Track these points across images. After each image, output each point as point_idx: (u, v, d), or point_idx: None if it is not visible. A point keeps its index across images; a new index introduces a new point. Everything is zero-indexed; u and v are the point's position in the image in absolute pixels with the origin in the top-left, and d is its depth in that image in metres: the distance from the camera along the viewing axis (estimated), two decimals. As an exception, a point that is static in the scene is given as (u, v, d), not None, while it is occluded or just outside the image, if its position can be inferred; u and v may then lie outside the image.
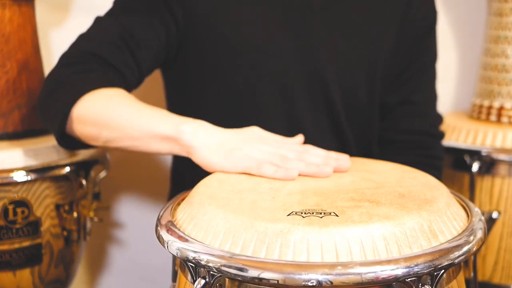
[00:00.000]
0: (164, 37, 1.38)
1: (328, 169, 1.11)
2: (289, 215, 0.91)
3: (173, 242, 0.92)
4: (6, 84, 1.52)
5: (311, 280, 0.81)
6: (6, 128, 1.52)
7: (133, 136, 1.21)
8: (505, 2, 1.77)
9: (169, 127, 1.17)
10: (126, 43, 1.35)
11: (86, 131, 1.26)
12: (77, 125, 1.26)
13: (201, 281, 0.88)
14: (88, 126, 1.25)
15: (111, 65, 1.33)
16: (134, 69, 1.36)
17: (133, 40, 1.35)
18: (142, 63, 1.37)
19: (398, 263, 0.83)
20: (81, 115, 1.25)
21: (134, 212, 1.97)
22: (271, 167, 1.10)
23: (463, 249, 0.89)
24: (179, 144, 1.17)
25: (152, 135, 1.19)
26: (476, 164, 1.68)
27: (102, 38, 1.36)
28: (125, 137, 1.22)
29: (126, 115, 1.22)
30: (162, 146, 1.19)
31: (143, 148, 1.22)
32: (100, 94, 1.26)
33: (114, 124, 1.22)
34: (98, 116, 1.23)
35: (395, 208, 0.93)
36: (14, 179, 1.42)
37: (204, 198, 0.99)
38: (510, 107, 1.79)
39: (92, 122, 1.24)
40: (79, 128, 1.26)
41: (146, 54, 1.37)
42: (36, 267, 1.49)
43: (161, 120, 1.19)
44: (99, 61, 1.33)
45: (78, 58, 1.34)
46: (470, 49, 2.06)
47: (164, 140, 1.18)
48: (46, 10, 1.79)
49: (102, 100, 1.25)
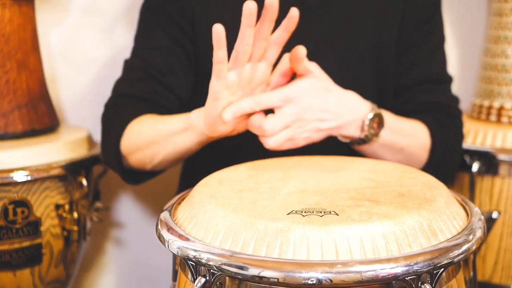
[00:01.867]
0: (184, 57, 1.46)
1: None
2: (289, 214, 0.91)
3: (173, 241, 0.92)
4: (6, 84, 1.52)
5: (311, 278, 0.81)
6: (6, 128, 1.52)
7: (163, 144, 1.32)
8: (505, 2, 1.77)
9: (183, 120, 1.29)
10: (152, 76, 1.45)
11: (136, 159, 1.40)
12: (128, 158, 1.41)
13: (201, 279, 0.88)
14: (134, 153, 1.38)
15: (142, 99, 1.45)
16: (169, 96, 1.46)
17: (156, 71, 1.45)
18: (175, 88, 1.46)
19: (397, 261, 0.83)
20: (126, 149, 1.39)
21: (134, 212, 1.97)
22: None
23: (463, 248, 0.89)
24: (195, 131, 1.26)
25: (173, 133, 1.30)
26: (476, 164, 1.68)
27: (131, 78, 1.49)
28: (161, 148, 1.33)
29: (152, 130, 1.34)
30: (187, 140, 1.29)
31: (177, 149, 1.32)
32: (133, 123, 1.39)
33: (147, 141, 1.34)
34: (136, 142, 1.36)
35: (395, 207, 0.93)
36: (14, 179, 1.43)
37: (204, 197, 0.99)
38: (510, 107, 1.79)
39: (135, 149, 1.38)
40: (131, 160, 1.41)
41: (174, 78, 1.46)
42: (36, 267, 1.49)
43: (176, 119, 1.31)
44: (131, 99, 1.46)
45: (114, 101, 1.48)
46: (470, 49, 2.06)
47: (183, 133, 1.28)
48: (46, 10, 1.79)
49: (135, 128, 1.37)
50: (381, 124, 1.29)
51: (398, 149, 1.36)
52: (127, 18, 1.85)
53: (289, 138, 1.20)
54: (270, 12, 1.17)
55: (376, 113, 1.27)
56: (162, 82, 1.45)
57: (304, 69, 1.23)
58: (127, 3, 1.86)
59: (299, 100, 1.19)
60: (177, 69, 1.46)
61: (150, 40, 1.48)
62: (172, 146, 1.32)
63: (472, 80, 2.01)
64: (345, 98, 1.26)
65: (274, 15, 1.18)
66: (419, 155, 1.41)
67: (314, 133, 1.23)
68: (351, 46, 1.44)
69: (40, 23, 1.67)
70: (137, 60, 1.49)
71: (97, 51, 1.86)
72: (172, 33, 1.45)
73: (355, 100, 1.27)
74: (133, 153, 1.39)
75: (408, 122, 1.40)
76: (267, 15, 1.17)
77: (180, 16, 1.44)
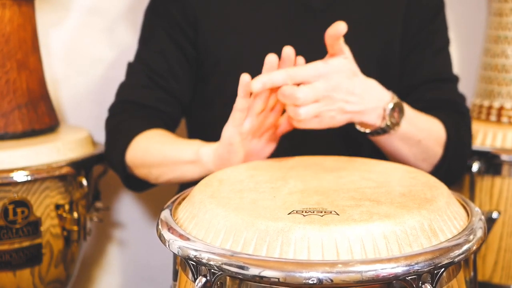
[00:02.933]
0: (185, 61, 1.48)
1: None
2: (290, 213, 0.91)
3: (174, 241, 0.92)
4: (6, 84, 1.52)
5: (312, 278, 0.81)
6: (6, 128, 1.52)
7: (171, 168, 1.34)
8: (505, 2, 1.77)
9: (192, 152, 1.30)
10: (155, 82, 1.48)
11: (141, 173, 1.43)
12: (133, 169, 1.44)
13: (202, 279, 0.88)
14: (140, 168, 1.42)
15: (148, 107, 1.48)
16: (171, 100, 1.48)
17: (159, 76, 1.47)
18: (177, 93, 1.48)
19: (398, 261, 0.83)
20: (132, 161, 1.42)
21: (134, 212, 1.97)
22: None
23: (463, 248, 0.89)
24: (202, 166, 1.28)
25: (181, 163, 1.32)
26: (476, 164, 1.68)
27: (135, 84, 1.52)
28: (166, 171, 1.36)
29: (161, 152, 1.36)
30: (193, 171, 1.31)
31: (182, 177, 1.34)
32: (140, 139, 1.41)
33: (155, 162, 1.37)
34: (142, 158, 1.39)
35: (395, 207, 0.93)
36: (14, 179, 1.43)
37: (205, 197, 0.99)
38: (510, 107, 1.79)
39: (140, 164, 1.41)
40: (136, 172, 1.44)
41: (177, 83, 1.48)
42: (36, 267, 1.49)
43: (187, 147, 1.32)
44: (135, 107, 1.48)
45: (119, 108, 1.51)
46: (470, 49, 2.06)
47: (191, 165, 1.30)
48: (46, 10, 1.79)
49: (142, 144, 1.40)
50: (401, 114, 1.28)
51: (415, 142, 1.35)
52: (128, 18, 1.85)
53: (317, 114, 1.18)
54: (287, 62, 1.20)
55: (397, 103, 1.27)
56: (165, 88, 1.48)
57: (338, 48, 1.22)
58: (128, 3, 1.86)
59: (330, 77, 1.18)
60: (179, 74, 1.48)
61: (153, 44, 1.50)
62: (179, 173, 1.34)
63: (472, 80, 2.01)
64: (369, 85, 1.26)
65: (291, 65, 1.20)
66: (435, 150, 1.41)
67: (338, 114, 1.21)
68: (355, 49, 1.44)
69: (40, 23, 1.67)
70: (141, 65, 1.51)
71: (97, 51, 1.86)
72: (175, 37, 1.46)
73: (377, 88, 1.27)
74: (138, 167, 1.42)
75: (425, 116, 1.40)
76: (284, 65, 1.20)
77: (183, 19, 1.45)
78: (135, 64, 1.54)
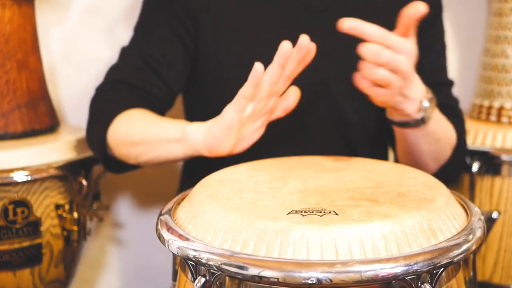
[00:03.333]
0: (182, 53, 1.47)
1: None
2: (289, 213, 0.91)
3: (173, 241, 0.92)
4: (6, 84, 1.52)
5: (311, 278, 0.81)
6: (6, 128, 1.52)
7: (153, 147, 1.32)
8: (505, 2, 1.77)
9: (177, 130, 1.28)
10: (149, 65, 1.45)
11: (121, 152, 1.39)
12: (113, 149, 1.40)
13: (201, 279, 0.88)
14: (120, 147, 1.38)
15: (138, 87, 1.44)
16: (162, 86, 1.46)
17: (155, 61, 1.46)
18: (168, 79, 1.46)
19: (397, 261, 0.83)
20: (112, 139, 1.38)
21: (134, 212, 1.97)
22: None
23: (462, 248, 0.89)
24: (188, 144, 1.26)
25: (165, 141, 1.29)
26: (476, 164, 1.68)
27: (128, 65, 1.48)
28: (148, 149, 1.33)
29: (146, 129, 1.33)
30: (177, 150, 1.29)
31: (165, 156, 1.32)
32: (126, 115, 1.38)
33: (137, 139, 1.33)
34: (125, 135, 1.35)
35: (394, 207, 0.93)
36: (14, 179, 1.43)
37: (204, 198, 0.99)
38: (510, 107, 1.79)
39: (121, 142, 1.37)
40: (116, 151, 1.40)
41: (170, 70, 1.47)
42: (36, 267, 1.49)
43: (171, 126, 1.31)
44: (126, 86, 1.45)
45: (109, 87, 1.47)
46: (470, 49, 2.06)
47: (176, 144, 1.28)
48: (46, 10, 1.79)
49: (127, 121, 1.37)
50: (433, 110, 1.29)
51: (436, 140, 1.36)
52: (128, 18, 1.85)
53: (386, 82, 1.18)
54: (305, 54, 1.20)
55: (432, 97, 1.28)
56: (159, 73, 1.46)
57: (411, 30, 1.22)
58: (128, 3, 1.86)
59: (409, 57, 1.19)
60: (174, 62, 1.47)
61: (151, 31, 1.49)
62: (161, 152, 1.32)
63: (472, 80, 2.01)
64: (416, 75, 1.25)
65: (309, 58, 1.21)
66: (446, 150, 1.42)
67: (396, 93, 1.21)
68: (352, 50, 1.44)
69: (40, 23, 1.67)
70: (136, 49, 1.49)
71: (97, 51, 1.86)
72: (174, 27, 1.46)
73: (419, 80, 1.27)
74: (119, 146, 1.38)
75: (444, 117, 1.41)
76: (301, 57, 1.20)
77: (183, 11, 1.44)
78: (129, 48, 1.52)
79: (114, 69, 1.51)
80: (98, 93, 1.49)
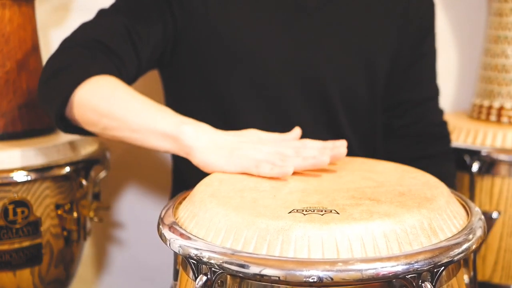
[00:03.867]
0: (161, 32, 1.39)
1: (325, 157, 1.11)
2: (290, 212, 0.91)
3: (175, 240, 0.92)
4: (6, 84, 1.52)
5: (312, 277, 0.81)
6: (6, 128, 1.52)
7: (133, 129, 1.21)
8: (505, 2, 1.77)
9: (171, 126, 1.17)
10: (129, 34, 1.36)
11: (86, 116, 1.26)
12: (77, 109, 1.26)
13: (202, 278, 0.88)
14: (89, 111, 1.25)
15: (115, 53, 1.34)
16: (135, 60, 1.37)
17: (135, 33, 1.37)
18: (142, 56, 1.38)
19: (398, 260, 0.83)
20: (83, 100, 1.25)
21: (134, 212, 1.97)
22: (267, 166, 1.10)
23: (463, 247, 0.89)
24: (179, 144, 1.17)
25: (152, 131, 1.19)
26: (476, 164, 1.68)
27: (107, 27, 1.38)
28: (125, 128, 1.22)
29: (129, 107, 1.22)
30: (161, 143, 1.19)
31: (140, 141, 1.22)
32: (104, 80, 1.26)
33: (115, 113, 1.22)
34: (100, 103, 1.23)
35: (395, 206, 0.94)
36: (14, 179, 1.42)
37: (206, 197, 1.00)
38: (510, 107, 1.79)
39: (93, 108, 1.24)
40: (79, 112, 1.26)
41: (146, 47, 1.38)
42: (36, 267, 1.49)
43: (163, 117, 1.19)
44: (103, 48, 1.34)
45: (83, 43, 1.35)
46: (470, 49, 2.07)
47: (163, 137, 1.18)
48: (46, 10, 1.79)
49: (105, 88, 1.26)
50: None
51: None
52: (127, 18, 1.85)
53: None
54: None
55: None
56: (136, 46, 1.37)
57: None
58: (127, 3, 1.86)
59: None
60: (152, 41, 1.39)
61: (138, 4, 1.41)
62: (143, 140, 1.21)
63: (472, 80, 2.01)
64: None
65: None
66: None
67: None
68: (346, 50, 1.44)
69: (40, 23, 1.67)
70: (120, 15, 1.39)
71: (97, 51, 1.86)
72: (161, 8, 1.40)
73: None
74: (86, 109, 1.25)
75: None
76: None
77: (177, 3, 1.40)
78: (111, 12, 1.42)
79: (91, 26, 1.40)
80: (68, 46, 1.36)
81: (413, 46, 1.49)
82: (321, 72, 1.42)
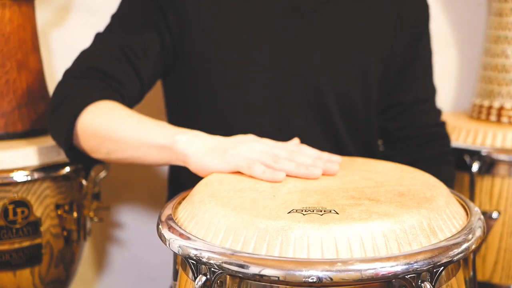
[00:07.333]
0: (159, 47, 1.41)
1: (317, 171, 1.10)
2: (289, 212, 0.91)
3: (174, 240, 0.92)
4: (6, 84, 1.52)
5: (311, 277, 0.81)
6: (6, 128, 1.52)
7: (132, 147, 1.24)
8: (505, 2, 1.77)
9: (165, 137, 1.19)
10: (125, 54, 1.38)
11: (90, 143, 1.29)
12: (81, 136, 1.29)
13: (202, 278, 0.88)
14: (91, 138, 1.28)
15: (112, 77, 1.36)
16: (135, 79, 1.39)
17: (131, 51, 1.38)
18: (143, 73, 1.40)
19: (397, 260, 0.83)
20: (84, 127, 1.28)
21: (134, 212, 1.97)
22: (260, 167, 1.09)
23: (462, 247, 0.89)
24: (175, 153, 1.18)
25: (148, 145, 1.21)
26: (476, 164, 1.68)
27: (102, 52, 1.40)
28: (126, 149, 1.25)
29: (126, 127, 1.25)
30: (158, 156, 1.21)
31: (142, 159, 1.24)
32: (101, 106, 1.29)
33: (114, 135, 1.25)
34: (99, 128, 1.26)
35: (395, 206, 0.94)
36: (14, 179, 1.43)
37: (205, 197, 1.00)
38: (510, 107, 1.79)
39: (93, 134, 1.27)
40: (83, 140, 1.30)
41: (145, 63, 1.40)
42: (36, 267, 1.49)
43: (157, 131, 1.21)
44: (99, 75, 1.36)
45: (80, 73, 1.38)
46: (470, 49, 2.07)
47: (161, 150, 1.20)
48: (46, 10, 1.79)
49: (103, 112, 1.28)
50: None
51: None
52: (127, 18, 1.85)
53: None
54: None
55: None
56: (134, 65, 1.39)
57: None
58: (127, 3, 1.86)
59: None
60: (151, 55, 1.41)
61: (132, 21, 1.43)
62: (143, 156, 1.24)
63: (472, 80, 2.01)
64: None
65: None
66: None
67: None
68: (341, 53, 1.44)
69: (40, 23, 1.67)
70: (113, 37, 1.41)
71: (97, 51, 1.86)
72: (156, 20, 1.41)
73: None
74: (88, 136, 1.29)
75: None
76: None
77: (169, 7, 1.40)
78: (105, 35, 1.43)
79: (87, 54, 1.42)
80: (68, 77, 1.39)
81: (407, 49, 1.49)
82: (315, 76, 1.42)
